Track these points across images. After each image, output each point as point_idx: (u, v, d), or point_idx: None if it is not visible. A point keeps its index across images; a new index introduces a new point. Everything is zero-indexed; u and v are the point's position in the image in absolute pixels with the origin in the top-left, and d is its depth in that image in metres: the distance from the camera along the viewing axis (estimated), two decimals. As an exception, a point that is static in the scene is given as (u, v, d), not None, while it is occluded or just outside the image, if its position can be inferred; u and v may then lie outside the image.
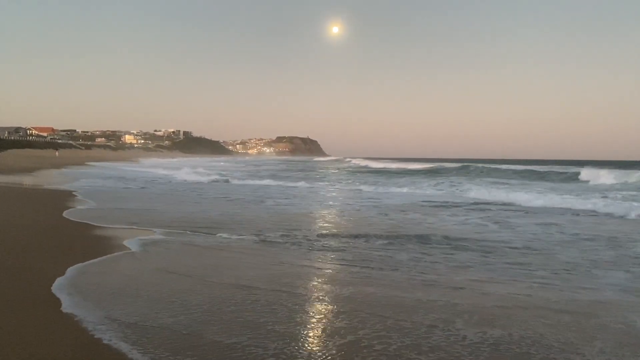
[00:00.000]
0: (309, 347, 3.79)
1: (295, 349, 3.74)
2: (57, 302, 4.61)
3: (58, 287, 5.11)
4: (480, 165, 51.73)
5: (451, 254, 7.57)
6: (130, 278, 5.71)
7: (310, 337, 4.04)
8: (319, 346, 3.84)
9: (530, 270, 6.56)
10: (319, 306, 4.88)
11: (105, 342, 3.74)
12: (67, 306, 4.51)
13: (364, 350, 3.74)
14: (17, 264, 6.04)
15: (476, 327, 4.28)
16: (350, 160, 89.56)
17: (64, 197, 14.59)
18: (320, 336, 4.05)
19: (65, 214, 10.82)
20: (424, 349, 3.82)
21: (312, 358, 3.60)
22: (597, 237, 9.30)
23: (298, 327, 4.23)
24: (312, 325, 4.33)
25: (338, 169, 59.02)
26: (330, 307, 4.84)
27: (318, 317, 4.56)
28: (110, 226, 9.32)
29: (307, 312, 4.68)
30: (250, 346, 3.77)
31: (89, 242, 7.71)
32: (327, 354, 3.67)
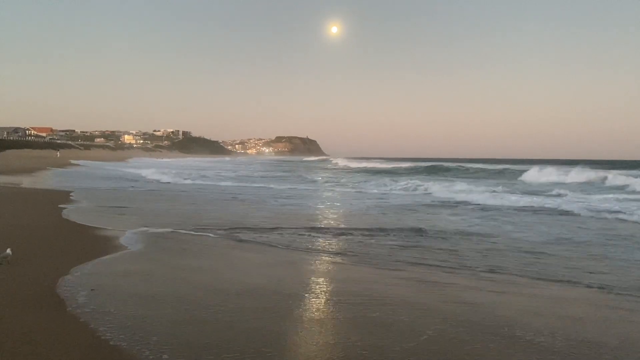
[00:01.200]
0: (392, 342, 3.82)
1: (370, 341, 3.79)
2: (62, 303, 4.55)
3: (62, 287, 5.06)
4: (479, 165, 51.85)
5: (485, 255, 7.48)
6: (132, 277, 5.68)
7: (380, 331, 4.06)
8: (406, 339, 3.87)
9: (588, 271, 6.53)
10: (359, 304, 4.84)
11: (112, 343, 3.68)
12: (72, 307, 4.45)
13: (456, 351, 3.73)
14: (19, 265, 5.96)
15: (553, 330, 4.20)
16: (332, 160, 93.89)
17: (54, 197, 14.51)
18: (385, 333, 4.05)
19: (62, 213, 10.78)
20: (517, 347, 3.77)
21: (406, 350, 3.65)
22: (616, 237, 9.38)
23: (361, 322, 4.28)
24: (374, 320, 4.34)
25: (321, 168, 59.70)
26: (381, 306, 4.79)
27: (375, 313, 4.55)
28: (105, 227, 9.27)
29: (359, 307, 4.70)
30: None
31: (89, 242, 7.66)
32: (419, 347, 3.72)
